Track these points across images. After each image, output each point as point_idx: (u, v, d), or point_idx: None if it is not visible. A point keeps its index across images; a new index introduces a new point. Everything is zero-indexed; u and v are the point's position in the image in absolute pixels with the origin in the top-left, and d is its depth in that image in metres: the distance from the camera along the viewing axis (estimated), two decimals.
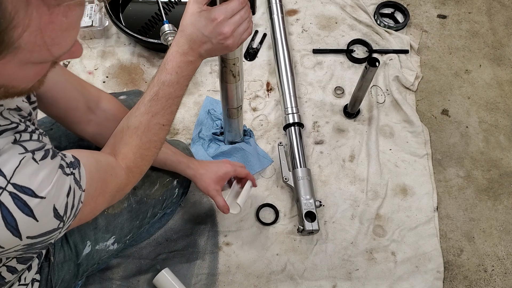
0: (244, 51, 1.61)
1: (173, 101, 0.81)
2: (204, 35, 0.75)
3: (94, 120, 0.92)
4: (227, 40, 0.76)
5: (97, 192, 0.70)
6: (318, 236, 1.32)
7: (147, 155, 0.83)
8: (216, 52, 0.79)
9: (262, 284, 1.26)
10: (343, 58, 1.62)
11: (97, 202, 0.71)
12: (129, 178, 0.81)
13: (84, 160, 0.67)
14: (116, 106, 0.95)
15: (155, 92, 0.79)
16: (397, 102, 1.52)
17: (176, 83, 0.79)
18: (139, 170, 0.83)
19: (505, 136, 1.50)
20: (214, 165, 1.12)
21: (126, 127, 0.81)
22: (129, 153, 0.80)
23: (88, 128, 0.93)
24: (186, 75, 0.79)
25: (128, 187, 0.82)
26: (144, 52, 1.60)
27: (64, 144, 1.03)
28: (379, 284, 1.27)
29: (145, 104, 0.80)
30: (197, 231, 1.31)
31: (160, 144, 0.85)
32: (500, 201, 1.40)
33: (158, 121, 0.81)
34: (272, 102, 1.52)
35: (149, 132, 0.81)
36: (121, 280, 1.24)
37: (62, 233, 0.63)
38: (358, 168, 1.42)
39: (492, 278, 1.30)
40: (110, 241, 0.99)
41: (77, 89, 0.88)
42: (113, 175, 0.75)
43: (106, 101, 0.94)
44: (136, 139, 0.80)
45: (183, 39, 0.77)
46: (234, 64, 1.00)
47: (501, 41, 1.68)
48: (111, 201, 0.78)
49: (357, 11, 1.70)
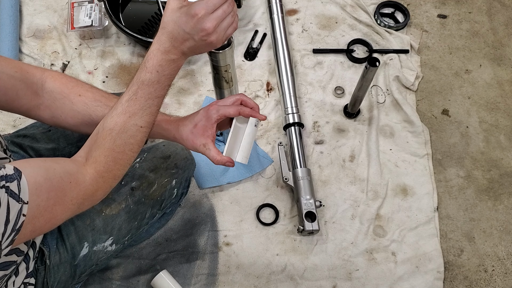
0: (244, 51, 1.60)
1: (153, 102, 0.77)
2: (186, 32, 0.72)
3: (43, 104, 0.86)
4: (210, 36, 0.73)
5: (50, 202, 0.65)
6: (318, 236, 1.32)
7: (121, 158, 0.77)
8: (200, 49, 0.76)
9: (262, 284, 1.26)
10: (343, 58, 1.61)
11: (53, 213, 0.67)
12: (98, 184, 0.75)
13: (29, 170, 0.63)
14: (61, 81, 0.87)
15: (134, 92, 0.76)
16: (397, 102, 1.52)
17: (156, 82, 0.75)
18: (111, 175, 0.77)
19: (505, 136, 1.50)
20: (192, 116, 0.89)
21: (102, 128, 0.76)
22: (100, 156, 0.75)
23: (41, 113, 0.87)
24: (168, 74, 0.76)
25: (99, 193, 0.77)
26: (144, 52, 1.60)
27: (63, 145, 1.02)
28: (379, 284, 1.26)
29: (122, 104, 0.76)
30: (197, 231, 1.31)
31: (138, 148, 0.79)
32: (501, 201, 1.40)
33: (136, 123, 0.76)
34: (272, 102, 1.52)
35: (125, 134, 0.76)
36: (121, 280, 1.24)
37: (5, 250, 0.60)
38: (358, 168, 1.42)
39: (492, 278, 1.29)
40: (108, 242, 0.98)
41: (14, 77, 0.81)
42: (72, 183, 0.70)
43: (50, 80, 0.86)
44: (110, 141, 0.75)
45: (164, 36, 0.74)
46: (226, 71, 0.99)
47: (502, 41, 1.67)
48: (78, 209, 0.73)
49: (357, 11, 1.70)
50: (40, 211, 0.64)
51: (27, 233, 0.63)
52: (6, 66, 0.80)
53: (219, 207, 1.35)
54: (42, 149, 0.99)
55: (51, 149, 1.01)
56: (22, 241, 0.63)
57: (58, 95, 0.86)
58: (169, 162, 1.10)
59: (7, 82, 0.80)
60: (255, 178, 1.39)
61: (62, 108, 0.82)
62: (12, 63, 0.82)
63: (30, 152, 0.98)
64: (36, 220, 0.64)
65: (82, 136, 1.04)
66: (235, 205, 1.36)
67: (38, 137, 1.00)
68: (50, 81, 0.86)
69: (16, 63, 0.83)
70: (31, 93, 0.84)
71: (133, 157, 0.80)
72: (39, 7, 1.67)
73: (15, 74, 0.81)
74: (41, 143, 1.00)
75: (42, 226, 0.66)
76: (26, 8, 1.66)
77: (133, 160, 0.80)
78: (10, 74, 0.80)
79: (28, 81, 0.83)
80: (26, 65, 0.85)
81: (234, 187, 1.38)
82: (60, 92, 0.86)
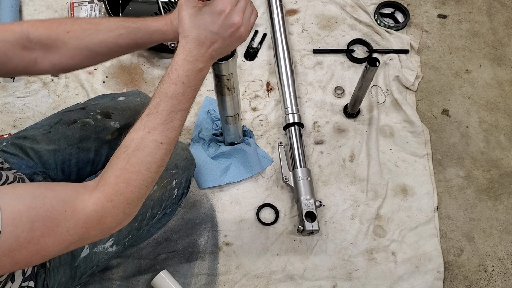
0: (244, 51, 1.60)
1: (176, 115, 0.71)
2: (214, 33, 0.70)
3: (38, 56, 0.81)
4: (239, 30, 0.71)
5: (35, 233, 0.59)
6: (318, 236, 1.32)
7: (135, 179, 0.68)
8: (228, 47, 0.73)
9: (262, 284, 1.26)
10: (343, 58, 1.61)
11: (41, 245, 0.60)
12: (106, 210, 0.66)
13: (9, 198, 0.58)
14: (44, 26, 0.81)
15: (155, 105, 0.70)
16: (397, 102, 1.52)
17: (181, 94, 0.71)
18: (122, 199, 0.67)
19: (505, 136, 1.50)
20: None
21: (118, 147, 0.70)
22: (111, 177, 0.67)
23: (40, 66, 0.82)
24: (194, 85, 0.72)
25: (109, 221, 0.67)
26: (144, 52, 1.60)
27: (63, 146, 1.01)
28: (379, 284, 1.27)
29: (141, 119, 0.70)
30: (197, 231, 1.31)
31: (156, 167, 0.71)
32: (501, 201, 1.40)
33: (155, 138, 0.69)
34: (272, 102, 1.52)
35: (141, 152, 0.68)
36: (121, 280, 1.24)
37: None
38: (358, 168, 1.42)
39: (492, 278, 1.30)
40: (108, 243, 0.98)
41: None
42: (68, 211, 0.63)
43: (33, 30, 0.80)
44: (123, 160, 0.68)
45: (189, 44, 0.70)
46: (229, 80, 0.99)
47: (502, 41, 1.67)
48: (81, 240, 0.66)
49: (357, 11, 1.70)
50: (21, 242, 0.58)
51: (5, 265, 0.58)
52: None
53: (219, 207, 1.35)
54: (43, 151, 0.99)
55: (51, 150, 1.00)
56: (2, 273, 0.59)
57: (48, 40, 0.80)
58: (169, 163, 1.09)
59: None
60: (255, 178, 1.39)
61: (57, 53, 0.78)
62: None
63: (31, 153, 0.98)
64: (17, 253, 0.58)
65: (82, 136, 1.04)
66: (235, 205, 1.36)
67: (39, 139, 1.00)
68: (33, 31, 0.80)
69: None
70: (20, 50, 0.79)
71: (152, 178, 0.71)
72: (39, 7, 1.67)
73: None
74: (41, 145, 1.00)
75: (26, 258, 0.60)
76: (26, 8, 1.66)
77: (153, 182, 0.72)
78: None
79: (12, 39, 0.78)
80: (1, 24, 0.80)
81: (234, 187, 1.38)
82: (48, 37, 0.80)
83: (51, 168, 1.00)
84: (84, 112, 1.08)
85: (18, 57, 0.80)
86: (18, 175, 0.84)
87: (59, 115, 1.07)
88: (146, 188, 0.71)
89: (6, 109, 1.48)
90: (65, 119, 1.05)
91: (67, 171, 1.03)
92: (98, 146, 1.06)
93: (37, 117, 1.46)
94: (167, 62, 1.58)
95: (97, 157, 1.07)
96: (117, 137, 1.08)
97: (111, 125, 1.08)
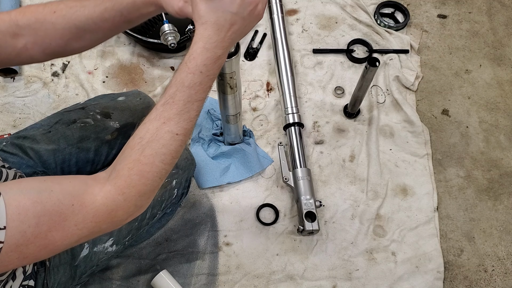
0: (244, 51, 1.60)
1: (192, 106, 0.69)
2: (233, 13, 0.68)
3: (29, 42, 0.80)
4: (257, 7, 0.69)
5: (42, 228, 0.59)
6: (318, 236, 1.32)
7: (148, 171, 0.66)
8: (247, 27, 0.72)
9: (262, 284, 1.26)
10: (343, 58, 1.61)
11: (50, 239, 0.60)
12: (117, 203, 0.64)
13: (14, 193, 0.58)
14: (31, 11, 0.80)
15: (171, 95, 0.68)
16: (397, 102, 1.52)
17: (199, 84, 0.69)
18: (135, 191, 0.66)
19: (505, 136, 1.50)
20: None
21: (132, 137, 0.68)
22: (124, 169, 0.65)
23: (31, 52, 0.81)
24: (212, 74, 0.70)
25: (120, 214, 0.66)
26: (144, 52, 1.60)
27: (63, 146, 1.01)
28: (379, 284, 1.26)
29: (157, 109, 0.68)
30: (197, 231, 1.31)
31: (171, 159, 0.69)
32: (501, 201, 1.40)
33: (171, 129, 0.67)
34: (272, 102, 1.52)
35: (156, 143, 0.67)
36: (121, 280, 1.24)
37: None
38: (358, 168, 1.42)
39: (492, 278, 1.30)
40: (108, 243, 0.98)
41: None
42: (76, 205, 0.62)
43: (21, 16, 0.79)
44: (137, 151, 0.66)
45: (208, 31, 0.68)
46: (231, 78, 0.99)
47: (501, 41, 1.67)
48: (91, 233, 0.65)
49: (357, 11, 1.70)
50: (28, 238, 0.58)
51: (13, 260, 0.58)
52: None
53: (219, 207, 1.35)
54: (42, 150, 0.99)
55: (51, 150, 1.00)
56: (11, 268, 0.58)
57: (36, 24, 0.79)
58: None
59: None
60: (255, 178, 1.39)
61: (47, 35, 0.77)
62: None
63: (31, 153, 0.98)
64: (24, 248, 0.58)
65: (82, 136, 1.04)
66: (235, 205, 1.36)
67: (38, 138, 1.00)
68: (21, 17, 0.79)
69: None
70: (10, 38, 0.78)
71: (165, 169, 0.69)
72: None
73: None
74: (41, 144, 1.00)
75: (35, 253, 0.60)
76: None
77: (166, 174, 0.70)
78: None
79: (2, 28, 0.78)
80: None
81: (234, 187, 1.38)
82: (36, 21, 0.79)
83: (50, 168, 1.00)
84: (84, 112, 1.08)
85: (9, 45, 0.79)
86: (18, 172, 0.84)
87: (59, 115, 1.07)
88: (159, 180, 0.69)
89: (6, 109, 1.48)
90: (65, 119, 1.05)
91: (66, 171, 1.03)
92: (98, 146, 1.06)
93: (37, 117, 1.46)
94: (167, 62, 1.58)
95: (97, 157, 1.07)
96: (117, 137, 1.08)
97: (111, 125, 1.08)
